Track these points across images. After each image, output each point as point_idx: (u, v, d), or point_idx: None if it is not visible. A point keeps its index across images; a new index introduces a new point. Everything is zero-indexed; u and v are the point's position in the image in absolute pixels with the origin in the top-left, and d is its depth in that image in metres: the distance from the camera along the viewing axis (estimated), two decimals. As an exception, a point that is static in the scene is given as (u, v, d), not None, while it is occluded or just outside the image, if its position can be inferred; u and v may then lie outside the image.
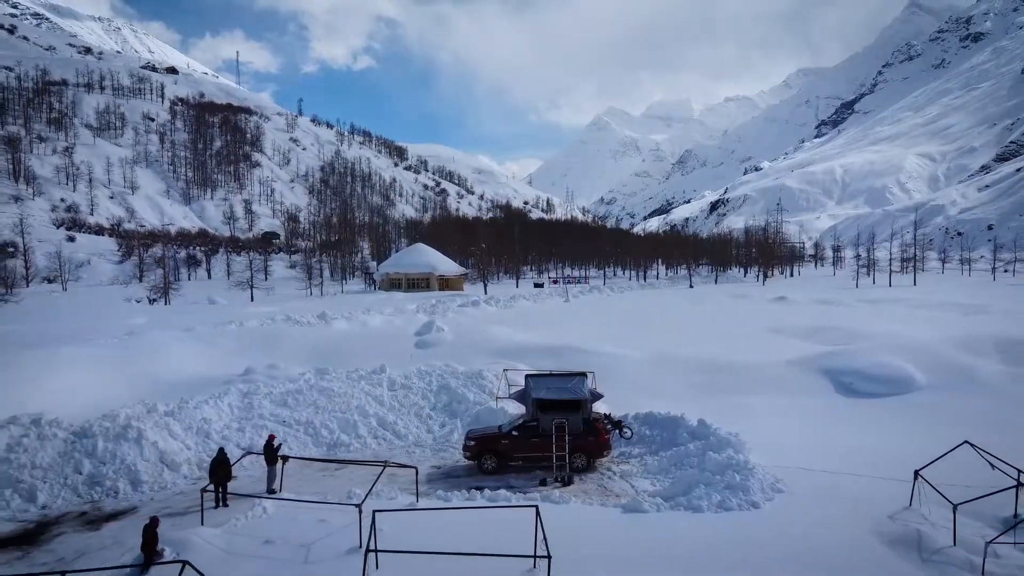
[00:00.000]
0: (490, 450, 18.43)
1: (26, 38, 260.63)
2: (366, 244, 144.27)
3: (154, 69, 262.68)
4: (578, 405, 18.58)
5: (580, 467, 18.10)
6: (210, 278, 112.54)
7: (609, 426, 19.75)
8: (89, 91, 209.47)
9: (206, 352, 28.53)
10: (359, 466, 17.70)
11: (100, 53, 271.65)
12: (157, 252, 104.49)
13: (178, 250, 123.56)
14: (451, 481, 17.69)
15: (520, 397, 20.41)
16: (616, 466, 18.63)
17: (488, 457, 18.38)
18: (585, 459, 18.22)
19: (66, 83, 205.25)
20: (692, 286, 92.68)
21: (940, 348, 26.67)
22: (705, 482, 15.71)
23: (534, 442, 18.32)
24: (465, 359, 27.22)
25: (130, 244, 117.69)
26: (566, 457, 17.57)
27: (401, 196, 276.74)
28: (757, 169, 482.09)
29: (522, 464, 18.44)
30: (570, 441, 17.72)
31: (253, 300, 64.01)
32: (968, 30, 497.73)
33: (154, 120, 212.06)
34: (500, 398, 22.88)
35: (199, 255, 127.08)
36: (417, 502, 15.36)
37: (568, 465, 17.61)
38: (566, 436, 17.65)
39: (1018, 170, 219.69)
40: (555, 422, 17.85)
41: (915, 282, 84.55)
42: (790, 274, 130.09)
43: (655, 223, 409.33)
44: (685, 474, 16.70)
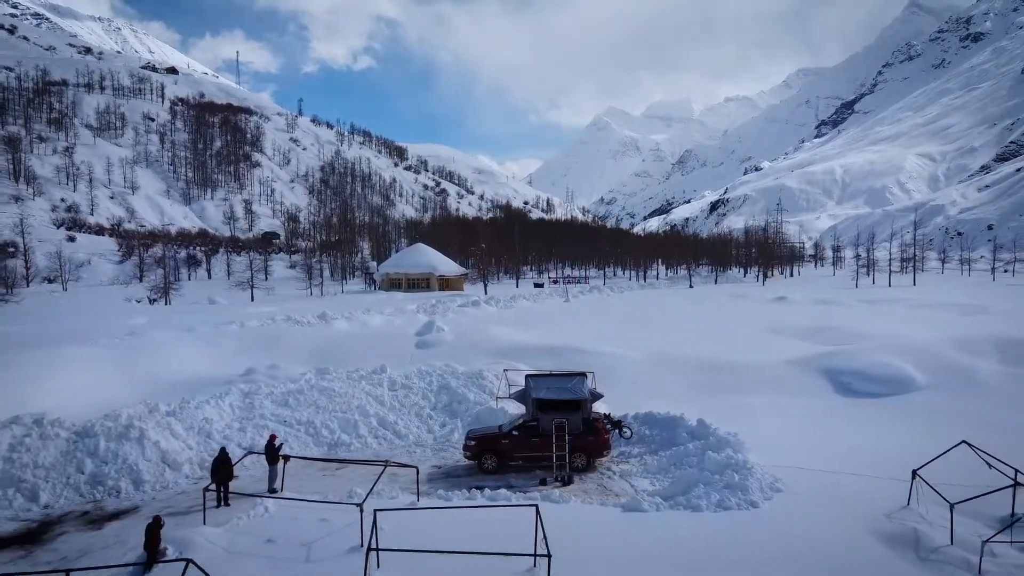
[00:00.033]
0: (490, 450, 18.51)
1: (26, 38, 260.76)
2: (366, 244, 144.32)
3: (154, 69, 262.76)
4: (578, 405, 18.65)
5: (580, 467, 18.18)
6: (210, 278, 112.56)
7: (609, 426, 19.83)
8: (89, 91, 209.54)
9: (207, 352, 28.61)
10: (360, 466, 17.75)
11: (100, 53, 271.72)
12: (157, 252, 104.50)
13: (178, 250, 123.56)
14: (452, 481, 17.76)
15: (520, 397, 20.48)
16: (616, 466, 18.71)
17: (488, 457, 18.46)
18: (585, 459, 18.29)
19: (66, 83, 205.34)
20: (692, 286, 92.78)
21: (939, 348, 26.68)
22: (704, 481, 15.78)
23: (534, 442, 18.39)
24: (465, 359, 27.29)
25: (130, 244, 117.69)
26: (566, 457, 17.65)
27: (401, 196, 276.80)
28: (757, 169, 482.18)
29: (522, 464, 18.51)
30: (570, 441, 17.79)
31: (253, 300, 64.08)
32: (968, 30, 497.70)
33: (154, 120, 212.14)
34: (500, 398, 22.95)
35: (199, 255, 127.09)
36: (418, 501, 15.43)
37: (568, 465, 17.69)
38: (566, 436, 17.72)
39: (1018, 170, 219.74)
40: (555, 422, 17.93)
41: (915, 282, 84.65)
42: (790, 274, 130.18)
43: (655, 223, 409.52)
44: (684, 474, 16.77)
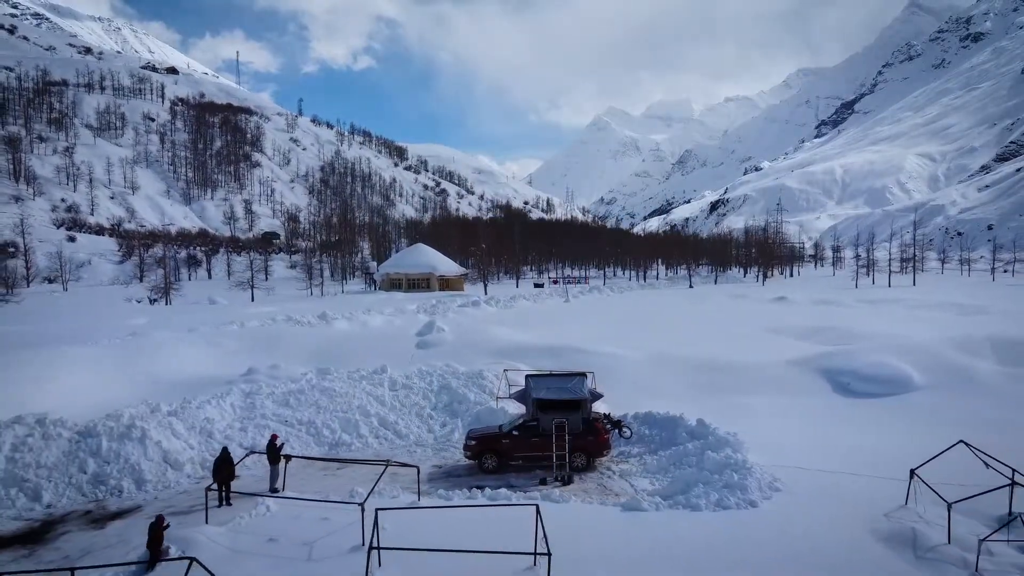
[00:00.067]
0: (491, 449, 18.58)
1: (26, 38, 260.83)
2: (366, 244, 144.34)
3: (154, 69, 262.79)
4: (578, 405, 18.72)
5: (580, 466, 18.25)
6: (210, 278, 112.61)
7: (608, 426, 19.90)
8: (89, 91, 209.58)
9: (208, 352, 28.71)
10: (361, 465, 17.80)
11: (100, 53, 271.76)
12: (158, 252, 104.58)
13: (178, 250, 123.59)
14: (452, 480, 17.84)
15: (520, 397, 20.55)
16: (615, 465, 18.79)
17: (489, 456, 18.53)
18: (585, 458, 18.37)
19: (66, 83, 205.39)
20: (692, 286, 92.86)
21: (938, 348, 26.74)
22: (703, 481, 15.85)
23: (534, 442, 18.47)
24: (466, 359, 27.37)
25: (130, 244, 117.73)
26: (566, 456, 17.72)
27: (401, 196, 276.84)
28: (757, 169, 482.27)
29: (522, 463, 18.59)
30: (570, 441, 17.87)
31: (254, 300, 64.18)
32: (968, 30, 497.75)
33: (154, 120, 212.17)
34: (500, 398, 23.03)
35: (199, 255, 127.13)
36: (419, 501, 15.50)
37: (568, 464, 17.76)
38: (566, 436, 17.80)
39: (1018, 170, 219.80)
40: (555, 422, 18.00)
41: (914, 282, 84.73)
42: (790, 274, 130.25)
43: (655, 223, 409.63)
44: (684, 473, 16.83)
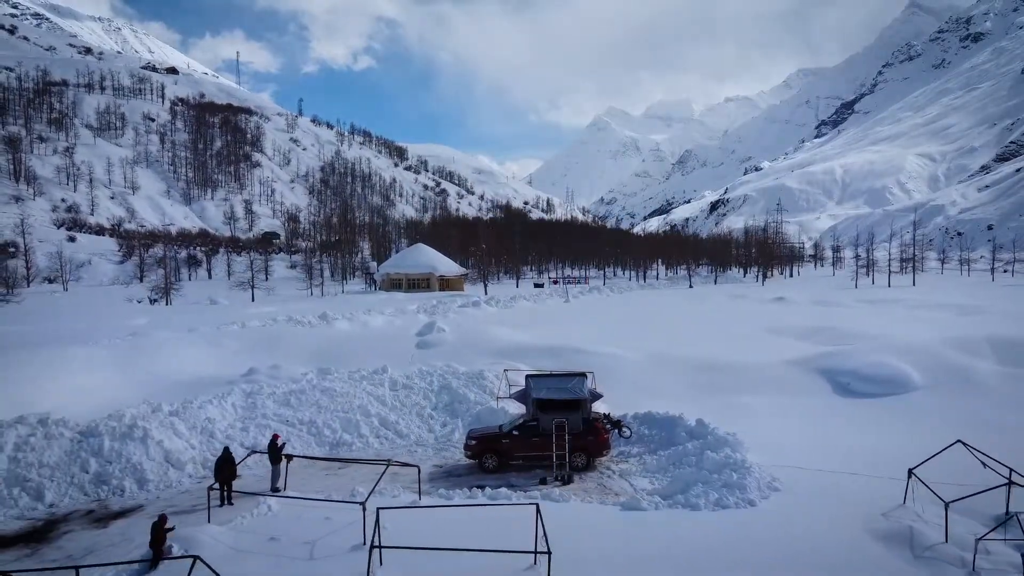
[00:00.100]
0: (491, 449, 18.67)
1: (26, 38, 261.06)
2: (366, 244, 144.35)
3: (154, 69, 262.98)
4: (578, 405, 18.81)
5: (580, 466, 18.33)
6: (211, 278, 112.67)
7: (608, 426, 19.98)
8: (89, 91, 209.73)
9: (209, 352, 28.80)
10: (362, 465, 17.86)
11: (100, 53, 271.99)
12: (158, 252, 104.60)
13: (179, 250, 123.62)
14: (453, 480, 17.92)
15: (520, 397, 20.64)
16: (615, 465, 18.87)
17: (489, 456, 18.62)
18: (585, 458, 18.45)
19: (66, 83, 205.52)
20: (692, 286, 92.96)
21: (937, 349, 26.80)
22: (703, 481, 15.93)
23: (534, 441, 18.55)
24: (466, 359, 27.46)
25: (131, 244, 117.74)
26: (566, 456, 17.80)
27: (401, 196, 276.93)
28: (757, 169, 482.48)
29: (523, 463, 18.67)
30: (570, 440, 17.95)
31: (254, 300, 64.26)
32: (968, 30, 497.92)
33: (154, 120, 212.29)
34: (501, 398, 23.11)
35: (200, 255, 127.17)
36: (420, 500, 15.57)
37: (568, 464, 17.84)
38: (566, 435, 17.88)
39: (1018, 170, 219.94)
40: (555, 422, 18.08)
41: (914, 282, 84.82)
42: (789, 274, 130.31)
43: (655, 223, 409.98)
44: (683, 473, 16.91)
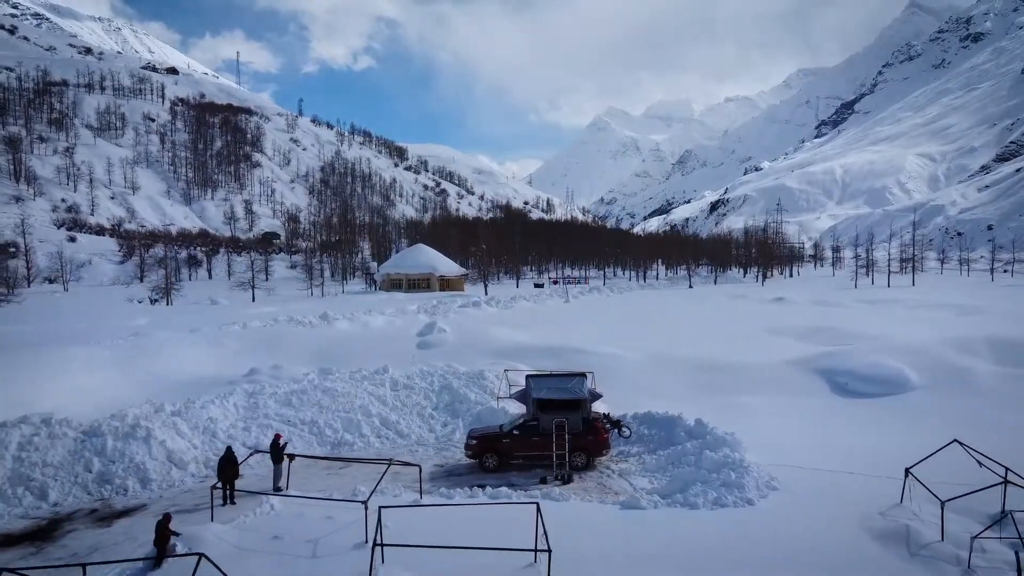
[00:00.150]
0: (491, 449, 18.78)
1: (27, 38, 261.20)
2: (366, 244, 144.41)
3: (154, 69, 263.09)
4: (578, 405, 18.92)
5: (580, 465, 18.45)
6: (211, 278, 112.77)
7: (608, 425, 20.08)
8: (90, 91, 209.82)
9: (210, 353, 28.92)
10: (363, 464, 17.96)
11: (100, 53, 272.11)
12: (158, 252, 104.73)
13: (179, 250, 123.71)
14: (454, 479, 18.03)
15: (521, 397, 20.76)
16: (615, 464, 18.99)
17: (490, 456, 18.73)
18: (585, 458, 18.56)
19: (67, 83, 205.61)
20: (692, 287, 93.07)
21: (935, 349, 26.90)
22: (702, 480, 16.06)
23: (535, 441, 18.67)
24: (466, 359, 27.58)
25: (131, 244, 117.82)
26: (566, 456, 17.91)
27: (401, 196, 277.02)
28: (757, 169, 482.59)
29: (523, 462, 18.78)
30: (570, 440, 18.06)
31: (254, 301, 64.39)
32: (968, 30, 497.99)
33: (154, 120, 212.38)
34: (501, 398, 23.23)
35: (200, 255, 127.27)
36: (421, 499, 15.69)
37: (568, 463, 17.96)
38: (566, 435, 17.99)
39: (1018, 170, 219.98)
40: (555, 421, 18.20)
41: (913, 283, 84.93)
42: (789, 275, 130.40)
43: (655, 223, 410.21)
44: (682, 472, 17.04)
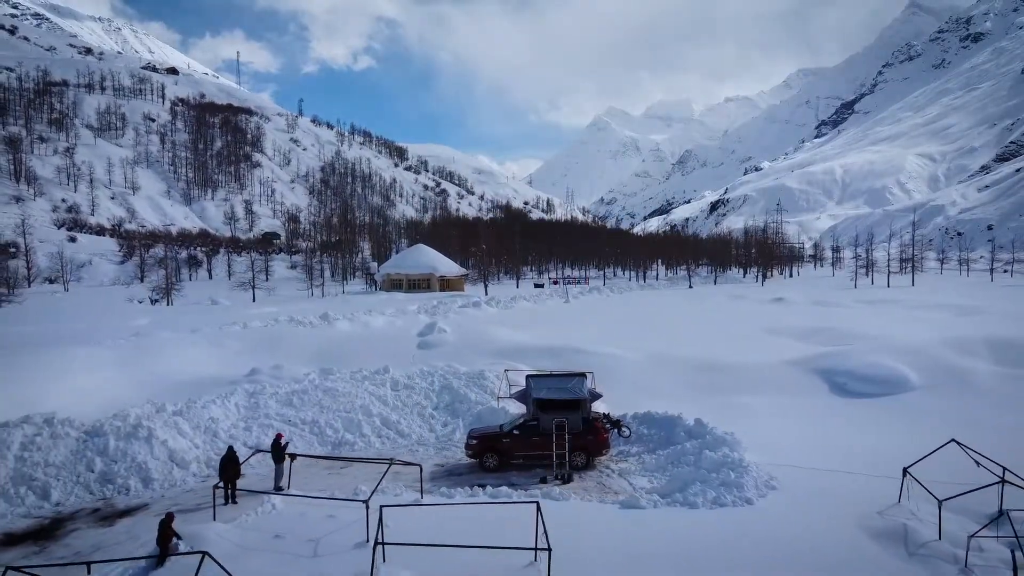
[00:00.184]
0: (492, 449, 18.85)
1: (27, 39, 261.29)
2: (367, 245, 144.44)
3: (155, 69, 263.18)
4: (578, 405, 18.99)
5: (580, 465, 18.52)
6: (211, 279, 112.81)
7: (608, 425, 20.15)
8: (90, 91, 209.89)
9: (211, 353, 29.00)
10: (364, 464, 18.02)
11: (101, 53, 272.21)
12: (158, 252, 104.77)
13: (179, 250, 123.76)
14: (454, 479, 18.10)
15: (521, 397, 20.83)
16: (615, 464, 19.06)
17: (490, 455, 18.80)
18: (584, 457, 18.63)
19: (67, 83, 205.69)
20: (691, 287, 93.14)
21: (934, 349, 26.97)
22: (701, 479, 16.13)
23: (535, 441, 18.74)
24: (467, 359, 27.65)
25: (131, 244, 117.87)
26: (566, 455, 17.99)
27: (401, 196, 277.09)
28: (757, 169, 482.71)
29: (523, 462, 18.85)
30: (570, 440, 18.13)
31: (255, 301, 64.45)
32: (968, 30, 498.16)
33: (155, 120, 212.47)
34: (501, 398, 23.31)
35: (200, 255, 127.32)
36: (422, 498, 15.76)
37: (568, 463, 18.03)
38: (566, 435, 18.07)
39: (1018, 170, 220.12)
40: (555, 421, 18.27)
41: (913, 283, 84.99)
42: (789, 275, 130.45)
43: (655, 223, 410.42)
44: (681, 472, 17.11)
